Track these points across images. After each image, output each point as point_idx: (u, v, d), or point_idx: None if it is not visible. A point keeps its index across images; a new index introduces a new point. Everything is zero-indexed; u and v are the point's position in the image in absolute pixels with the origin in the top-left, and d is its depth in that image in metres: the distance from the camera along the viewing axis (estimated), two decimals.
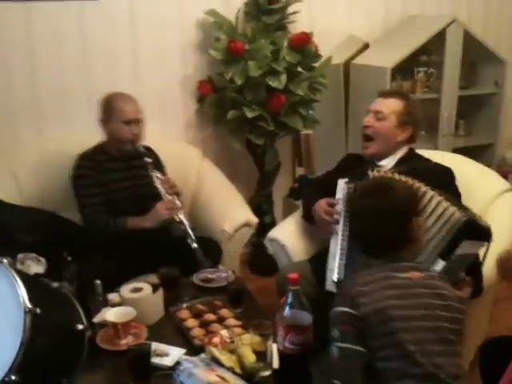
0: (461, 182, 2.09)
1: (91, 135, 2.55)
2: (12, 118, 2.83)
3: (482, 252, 1.75)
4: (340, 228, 1.99)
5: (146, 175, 2.46)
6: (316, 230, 2.24)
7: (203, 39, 3.11)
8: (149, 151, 2.55)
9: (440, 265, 1.70)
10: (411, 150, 2.20)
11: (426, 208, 1.75)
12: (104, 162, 2.47)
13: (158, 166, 2.58)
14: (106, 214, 2.41)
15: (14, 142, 2.83)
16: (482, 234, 1.70)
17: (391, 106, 2.14)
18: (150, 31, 3.00)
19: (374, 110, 2.16)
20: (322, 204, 2.11)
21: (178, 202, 2.43)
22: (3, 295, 1.32)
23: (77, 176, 2.45)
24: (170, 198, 2.42)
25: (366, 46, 3.49)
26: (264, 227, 3.05)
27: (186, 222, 2.38)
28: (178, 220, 2.38)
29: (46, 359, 1.34)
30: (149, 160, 2.45)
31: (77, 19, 2.84)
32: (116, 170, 2.48)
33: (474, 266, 1.77)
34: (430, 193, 1.78)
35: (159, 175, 2.45)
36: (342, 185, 2.05)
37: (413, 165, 2.08)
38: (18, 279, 1.33)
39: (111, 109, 2.43)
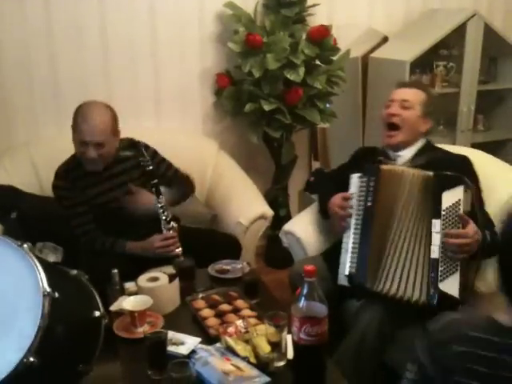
0: (480, 177, 2.08)
1: None
2: (33, 112, 2.88)
3: (463, 196, 1.84)
4: (353, 222, 2.00)
5: (130, 180, 2.27)
6: (331, 225, 2.24)
7: (221, 32, 3.12)
8: (133, 147, 2.31)
9: (437, 224, 1.82)
10: (428, 142, 2.20)
11: (399, 183, 1.93)
12: (77, 179, 2.23)
13: (146, 160, 2.32)
14: (101, 233, 2.24)
15: (35, 134, 2.89)
16: (454, 180, 1.85)
17: (417, 96, 2.13)
18: (169, 24, 3.02)
19: (399, 99, 2.13)
20: (336, 199, 2.11)
21: (175, 234, 2.22)
22: (23, 279, 1.34)
23: (56, 197, 2.26)
24: (170, 229, 2.22)
25: (385, 40, 3.46)
26: (279, 220, 3.05)
27: (182, 258, 2.18)
28: (175, 254, 2.18)
29: (64, 344, 1.36)
30: (154, 182, 2.22)
31: (97, 12, 2.87)
32: (92, 185, 2.25)
33: (472, 217, 1.84)
34: (399, 168, 1.96)
35: (163, 202, 2.23)
36: (355, 179, 2.06)
37: (430, 156, 2.09)
38: (37, 264, 1.35)
39: (73, 122, 2.17)
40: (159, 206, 2.24)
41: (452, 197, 1.83)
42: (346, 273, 1.95)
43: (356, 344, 1.81)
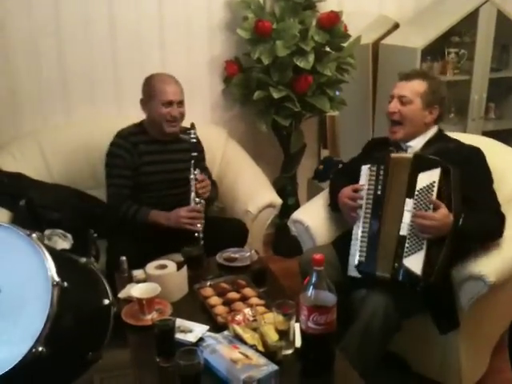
0: (490, 166, 2.05)
1: (118, 117, 2.57)
2: (42, 100, 2.87)
3: (438, 178, 1.86)
4: (363, 212, 2.01)
5: (183, 160, 2.37)
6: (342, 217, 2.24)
7: (230, 19, 3.09)
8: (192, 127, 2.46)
9: (409, 203, 1.89)
10: (440, 131, 2.17)
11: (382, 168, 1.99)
12: (140, 143, 2.40)
13: (198, 147, 2.49)
14: (130, 199, 2.36)
15: (44, 123, 2.89)
16: (431, 163, 1.89)
17: (415, 89, 2.08)
18: (177, 12, 2.99)
19: (397, 95, 2.10)
20: (346, 190, 2.11)
21: (201, 208, 2.31)
22: (32, 268, 1.34)
23: (109, 153, 2.41)
24: (197, 204, 2.31)
25: (396, 26, 3.41)
26: (288, 209, 3.04)
27: (201, 234, 2.27)
28: (196, 229, 2.26)
29: (73, 333, 1.36)
30: (194, 154, 2.34)
31: (105, 1, 2.84)
32: (151, 152, 2.41)
33: (446, 202, 1.86)
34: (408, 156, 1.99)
35: (198, 175, 2.33)
36: (365, 170, 2.07)
37: (440, 146, 2.07)
38: (46, 253, 1.35)
39: (152, 89, 2.37)
40: (193, 177, 2.31)
41: (427, 179, 1.88)
42: (356, 262, 1.97)
43: (361, 332, 1.81)
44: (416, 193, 1.88)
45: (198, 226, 2.27)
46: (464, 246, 1.93)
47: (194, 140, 2.36)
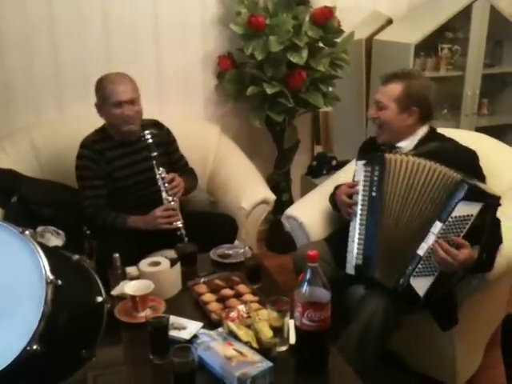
0: (484, 162, 2.04)
1: None
2: (35, 97, 2.85)
3: (477, 213, 1.72)
4: (358, 211, 1.98)
5: (153, 157, 2.31)
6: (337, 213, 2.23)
7: (224, 14, 3.08)
8: (157, 126, 2.45)
9: (437, 227, 1.76)
10: (432, 130, 2.11)
11: (423, 177, 1.83)
12: (106, 150, 2.34)
13: (168, 140, 2.49)
14: (108, 208, 2.31)
15: (37, 118, 2.87)
16: (478, 195, 1.73)
17: (389, 93, 2.02)
18: (170, 7, 2.97)
19: (375, 100, 2.08)
20: (343, 187, 2.10)
21: (176, 206, 2.27)
22: (25, 266, 1.33)
23: (76, 166, 2.35)
24: (171, 201, 2.27)
25: (389, 22, 3.42)
26: (281, 205, 3.04)
27: (183, 230, 2.23)
28: (175, 227, 2.23)
29: (67, 330, 1.36)
30: (154, 154, 2.30)
31: None
32: (119, 156, 2.36)
33: (477, 234, 1.75)
34: (428, 164, 1.84)
35: (163, 174, 2.29)
36: (359, 166, 2.03)
37: (435, 145, 2.01)
38: (39, 250, 1.34)
39: (103, 91, 2.30)
40: (159, 177, 2.28)
41: (466, 209, 1.73)
42: (353, 264, 1.95)
43: (360, 332, 1.80)
44: (449, 219, 1.74)
45: (178, 223, 2.24)
46: None
47: (150, 141, 2.31)
